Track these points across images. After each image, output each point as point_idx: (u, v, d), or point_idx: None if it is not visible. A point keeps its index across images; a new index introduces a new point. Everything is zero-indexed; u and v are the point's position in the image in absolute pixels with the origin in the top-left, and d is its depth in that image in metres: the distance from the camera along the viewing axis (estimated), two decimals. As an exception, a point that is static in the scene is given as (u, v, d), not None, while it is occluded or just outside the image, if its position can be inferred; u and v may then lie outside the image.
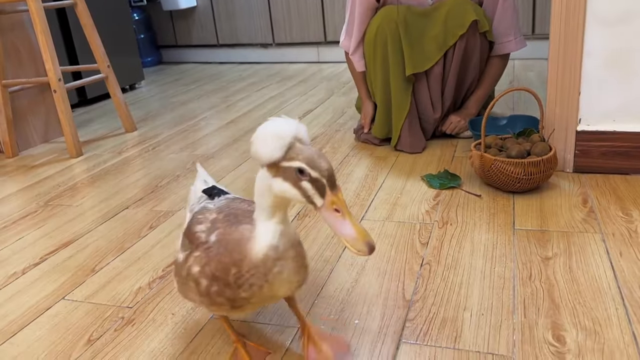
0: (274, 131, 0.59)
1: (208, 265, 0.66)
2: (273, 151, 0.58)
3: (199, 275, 0.67)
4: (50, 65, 1.82)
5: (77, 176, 1.70)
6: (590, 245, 1.03)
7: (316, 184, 0.58)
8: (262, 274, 0.63)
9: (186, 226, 0.76)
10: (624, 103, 1.29)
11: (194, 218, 0.75)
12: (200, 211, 0.76)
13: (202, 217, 0.73)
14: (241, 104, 2.48)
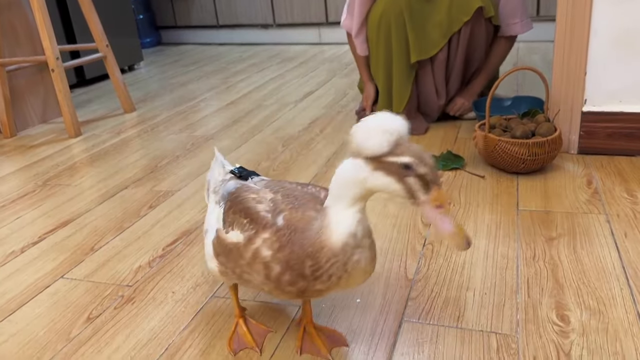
0: (382, 126, 0.57)
1: (281, 251, 0.63)
2: (381, 145, 0.57)
3: (271, 259, 0.63)
4: (47, 44, 1.80)
5: (75, 156, 1.68)
6: (594, 226, 1.02)
7: (422, 179, 0.57)
8: (342, 264, 0.61)
9: (238, 203, 0.70)
10: (631, 83, 1.27)
11: (243, 195, 0.70)
12: (247, 189, 0.71)
13: (257, 197, 0.69)
14: (241, 85, 2.45)
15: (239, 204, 0.70)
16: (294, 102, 2.09)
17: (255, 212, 0.67)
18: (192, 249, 1.06)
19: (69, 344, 0.82)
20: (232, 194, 0.73)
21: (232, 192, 0.73)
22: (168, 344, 0.80)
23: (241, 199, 0.71)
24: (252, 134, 1.75)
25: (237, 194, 0.72)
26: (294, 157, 1.51)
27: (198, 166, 1.50)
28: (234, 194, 0.73)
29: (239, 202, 0.70)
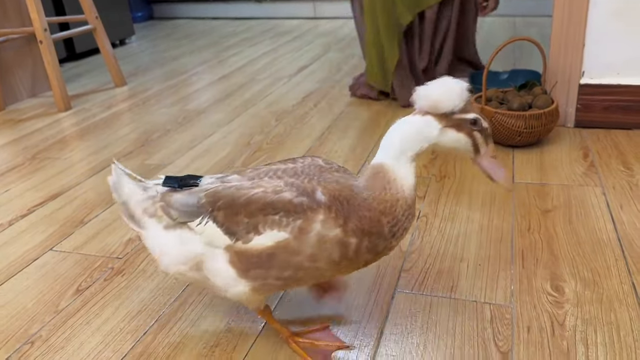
0: (457, 85, 0.61)
1: (350, 222, 0.59)
2: (456, 102, 0.61)
3: (344, 235, 0.59)
4: (35, 15, 1.75)
5: (65, 130, 1.65)
6: (590, 198, 1.01)
7: (484, 133, 0.63)
8: (412, 216, 0.64)
9: (246, 204, 0.61)
10: (630, 55, 1.25)
11: (242, 194, 0.61)
12: (236, 187, 0.62)
13: (265, 188, 0.61)
14: (234, 59, 2.41)
15: (250, 204, 0.61)
16: (288, 77, 2.06)
17: (286, 202, 0.60)
18: (184, 221, 1.04)
19: (58, 315, 0.80)
20: (214, 202, 0.62)
21: (214, 200, 0.62)
22: (158, 315, 0.79)
23: (247, 199, 0.61)
24: (245, 108, 1.72)
25: (228, 197, 0.62)
26: (287, 131, 1.49)
27: (190, 140, 1.48)
28: (223, 200, 0.62)
29: (247, 202, 0.61)
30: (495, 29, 2.56)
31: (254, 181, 0.63)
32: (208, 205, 0.63)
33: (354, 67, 2.11)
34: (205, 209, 0.63)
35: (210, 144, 1.44)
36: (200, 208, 0.63)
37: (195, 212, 0.64)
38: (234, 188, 0.63)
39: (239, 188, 0.62)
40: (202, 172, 1.26)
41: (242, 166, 1.28)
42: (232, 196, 0.62)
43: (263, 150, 1.37)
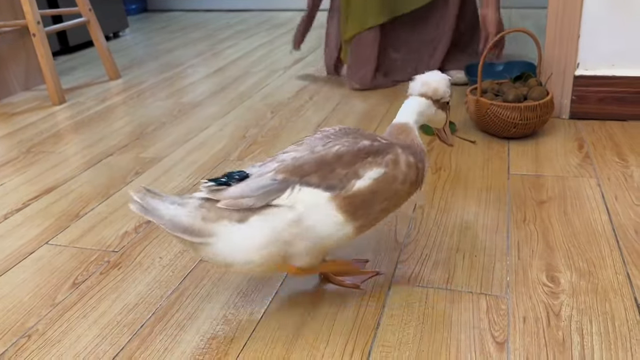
0: (448, 79, 0.82)
1: (414, 157, 0.75)
2: (448, 91, 0.82)
3: (415, 160, 0.74)
4: (28, 8, 1.73)
5: (59, 123, 1.64)
6: (585, 190, 1.01)
7: (448, 109, 0.85)
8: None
9: (332, 161, 0.69)
10: (625, 47, 1.25)
11: (331, 152, 0.70)
12: (317, 151, 0.70)
13: (341, 145, 0.71)
14: (229, 52, 2.40)
15: (340, 158, 0.69)
16: (283, 69, 2.05)
17: (369, 147, 0.72)
18: (180, 214, 1.04)
19: (54, 309, 0.80)
20: (297, 171, 0.68)
21: (297, 170, 0.68)
22: (155, 308, 0.79)
23: (334, 155, 0.69)
24: (241, 101, 1.72)
25: (312, 162, 0.69)
26: (283, 124, 1.49)
27: (185, 133, 1.48)
28: (308, 165, 0.68)
29: (337, 158, 0.69)
30: (490, 20, 2.55)
31: (326, 144, 0.72)
32: (291, 176, 0.68)
33: (350, 59, 2.11)
34: (289, 181, 0.68)
35: (205, 137, 1.43)
36: (281, 183, 0.68)
37: (276, 189, 0.68)
38: (309, 154, 0.70)
39: (315, 152, 0.70)
40: (198, 164, 1.26)
41: (237, 159, 1.28)
42: (316, 159, 0.69)
43: (258, 144, 1.36)
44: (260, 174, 0.69)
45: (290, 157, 0.70)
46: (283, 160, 0.70)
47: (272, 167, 0.70)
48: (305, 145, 0.73)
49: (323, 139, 0.74)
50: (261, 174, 0.69)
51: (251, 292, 0.80)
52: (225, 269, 0.85)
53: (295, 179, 0.68)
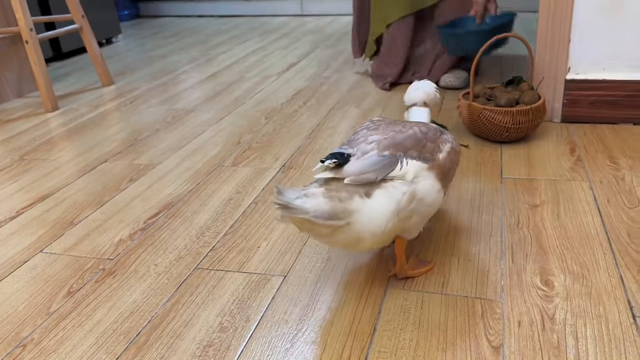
0: (435, 86, 0.96)
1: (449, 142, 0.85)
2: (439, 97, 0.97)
3: (457, 145, 0.86)
4: (20, 15, 1.73)
5: (53, 130, 1.64)
6: (577, 193, 1.02)
7: None
8: None
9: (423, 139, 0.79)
10: (615, 51, 1.26)
11: (415, 132, 0.79)
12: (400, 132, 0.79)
13: (413, 127, 0.80)
14: (222, 58, 2.40)
15: (427, 136, 0.79)
16: (277, 74, 2.06)
17: (436, 128, 0.84)
18: (174, 221, 1.04)
19: (49, 318, 0.80)
20: (400, 147, 0.75)
21: (399, 146, 0.75)
22: (151, 316, 0.79)
23: (421, 135, 0.79)
24: (235, 107, 1.72)
25: (408, 139, 0.77)
26: (277, 130, 1.49)
27: (179, 139, 1.48)
28: (407, 141, 0.77)
29: (423, 136, 0.79)
30: (482, 25, 2.57)
31: (404, 126, 0.80)
32: (396, 151, 0.75)
33: (343, 63, 2.12)
34: (396, 155, 0.74)
35: (199, 143, 1.43)
36: (391, 158, 0.73)
37: (390, 163, 0.73)
38: (396, 134, 0.77)
39: (403, 132, 0.78)
40: (192, 171, 1.26)
41: (232, 165, 1.28)
42: (410, 136, 0.77)
43: (253, 149, 1.37)
44: (364, 151, 0.74)
45: (387, 140, 0.76)
46: (374, 141, 0.76)
47: (368, 147, 0.74)
48: (382, 129, 0.79)
49: (389, 125, 0.81)
50: (365, 152, 0.74)
51: (247, 298, 0.81)
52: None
53: (400, 153, 0.75)
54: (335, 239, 0.70)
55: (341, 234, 0.69)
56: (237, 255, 0.91)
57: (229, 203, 1.10)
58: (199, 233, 0.99)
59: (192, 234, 0.99)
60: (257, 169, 1.25)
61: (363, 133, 0.79)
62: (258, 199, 1.11)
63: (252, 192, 1.14)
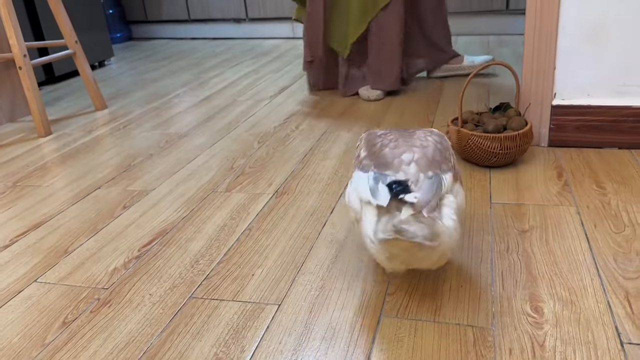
0: None
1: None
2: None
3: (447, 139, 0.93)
4: (14, 41, 1.75)
5: (46, 156, 1.64)
6: (565, 218, 1.04)
7: None
8: None
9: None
10: (599, 77, 1.30)
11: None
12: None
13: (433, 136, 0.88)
14: (215, 81, 2.43)
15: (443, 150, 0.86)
16: (269, 98, 2.08)
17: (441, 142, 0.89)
18: (169, 249, 1.05)
19: (44, 349, 0.80)
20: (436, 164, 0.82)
21: (434, 163, 0.82)
22: (146, 347, 0.79)
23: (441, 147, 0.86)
24: (228, 131, 1.74)
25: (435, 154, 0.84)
26: (270, 154, 1.51)
27: (172, 164, 1.49)
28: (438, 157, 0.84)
29: (442, 149, 0.85)
30: (470, 48, 2.62)
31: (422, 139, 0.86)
32: (435, 169, 0.81)
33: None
34: (437, 174, 0.81)
35: (193, 169, 1.45)
36: (436, 177, 0.80)
37: (439, 185, 0.79)
38: (422, 149, 0.84)
39: (425, 147, 0.84)
40: (186, 197, 1.27)
41: (226, 191, 1.29)
42: (435, 150, 0.84)
43: (246, 174, 1.38)
44: (409, 173, 0.79)
45: (419, 156, 0.82)
46: (413, 161, 0.81)
47: (411, 169, 0.80)
48: (401, 143, 0.85)
49: (401, 136, 0.87)
50: (409, 174, 0.79)
51: (242, 328, 0.81)
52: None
53: (438, 171, 0.81)
54: (428, 259, 0.78)
55: (434, 254, 0.77)
56: (231, 284, 0.92)
57: (223, 230, 1.11)
58: (193, 261, 1.00)
59: (187, 261, 1.00)
60: (251, 195, 1.26)
61: (389, 152, 0.83)
62: (252, 225, 1.12)
63: (246, 218, 1.15)
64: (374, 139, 0.88)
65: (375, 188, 0.78)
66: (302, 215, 1.14)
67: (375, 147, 0.85)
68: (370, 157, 0.85)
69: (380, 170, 0.81)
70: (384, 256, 0.77)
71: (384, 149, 0.84)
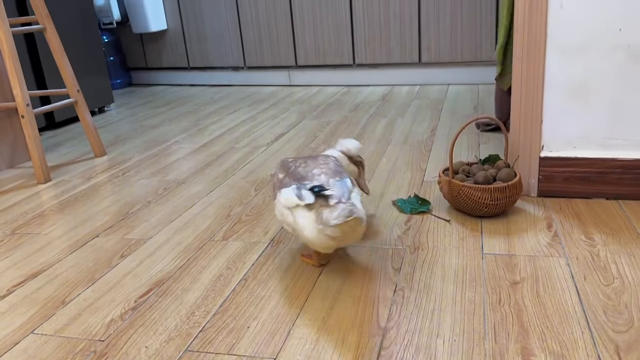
0: (359, 144, 1.31)
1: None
2: (358, 153, 1.31)
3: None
4: (18, 91, 1.80)
5: (45, 203, 1.66)
6: (555, 269, 1.07)
7: (363, 166, 1.35)
8: None
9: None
10: (583, 130, 1.35)
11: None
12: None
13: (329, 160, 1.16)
14: (213, 128, 2.48)
15: (336, 165, 1.16)
16: (266, 145, 2.13)
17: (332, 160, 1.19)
18: (165, 300, 1.06)
19: (40, 404, 0.80)
20: (339, 173, 1.11)
21: (338, 172, 1.11)
22: (142, 401, 0.79)
23: (338, 164, 1.17)
24: (225, 178, 1.77)
25: (336, 168, 1.13)
26: (266, 202, 1.53)
27: (170, 212, 1.51)
28: (338, 169, 1.13)
29: (337, 165, 1.16)
30: (459, 97, 2.70)
31: (324, 161, 1.14)
32: (340, 176, 1.09)
33: (330, 134, 2.20)
34: (342, 178, 1.09)
35: (190, 217, 1.47)
36: (343, 180, 1.08)
37: (347, 185, 1.08)
38: (327, 165, 1.12)
39: (326, 164, 1.12)
40: (183, 245, 1.29)
41: (222, 239, 1.31)
42: (335, 165, 1.14)
43: (242, 223, 1.40)
44: (327, 181, 1.05)
45: (325, 169, 1.09)
46: (322, 173, 1.08)
47: (323, 177, 1.06)
48: (310, 164, 1.11)
49: (308, 160, 1.13)
50: (327, 182, 1.05)
51: (237, 382, 0.82)
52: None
53: (342, 177, 1.08)
54: (359, 233, 1.03)
55: (363, 227, 1.01)
56: (227, 336, 0.93)
57: (219, 280, 1.12)
58: (189, 312, 1.01)
59: (182, 313, 1.01)
60: (247, 243, 1.28)
61: (302, 170, 1.09)
62: (248, 275, 1.13)
63: (242, 267, 1.17)
64: (287, 165, 1.14)
65: (300, 194, 1.03)
66: (298, 265, 1.16)
67: (290, 169, 1.11)
68: (288, 177, 1.10)
69: (299, 182, 1.06)
70: (332, 237, 0.99)
71: (298, 168, 1.10)
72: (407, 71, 3.16)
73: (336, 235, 0.98)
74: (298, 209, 1.03)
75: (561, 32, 1.29)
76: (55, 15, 2.58)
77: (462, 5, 2.91)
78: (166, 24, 3.58)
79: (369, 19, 3.12)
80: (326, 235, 0.98)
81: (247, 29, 3.41)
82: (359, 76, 3.27)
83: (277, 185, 1.12)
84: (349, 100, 2.87)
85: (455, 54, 3.00)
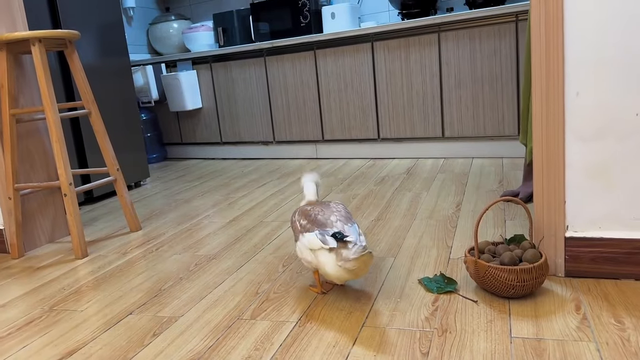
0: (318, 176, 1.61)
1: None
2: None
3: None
4: (62, 171, 1.92)
5: (82, 279, 1.73)
6: (585, 355, 1.05)
7: None
8: None
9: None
10: (608, 211, 1.36)
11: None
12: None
13: (341, 208, 1.44)
14: (243, 201, 2.56)
15: (347, 212, 1.45)
16: (294, 220, 2.18)
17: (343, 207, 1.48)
18: (195, 381, 1.08)
19: None
20: (350, 219, 1.40)
21: (349, 218, 1.40)
22: None
23: (348, 211, 1.46)
24: (253, 253, 1.82)
25: (348, 215, 1.42)
26: (294, 279, 1.56)
27: (200, 289, 1.55)
28: (350, 215, 1.43)
29: (347, 212, 1.45)
30: (484, 171, 2.74)
31: (336, 207, 1.43)
32: (352, 221, 1.39)
33: (356, 208, 2.24)
34: (353, 224, 1.38)
35: (220, 294, 1.51)
36: (354, 225, 1.37)
37: (357, 230, 1.35)
38: (339, 212, 1.41)
39: (337, 211, 1.42)
40: (212, 324, 1.32)
41: (250, 318, 1.34)
42: (345, 211, 1.43)
43: (270, 301, 1.43)
44: (343, 228, 1.32)
45: (339, 216, 1.36)
46: (338, 220, 1.35)
47: (339, 224, 1.33)
48: (326, 211, 1.39)
49: (324, 207, 1.41)
50: (343, 228, 1.32)
51: None
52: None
53: (352, 222, 1.36)
54: (368, 267, 1.27)
55: (371, 262, 1.26)
56: (255, 421, 0.94)
57: (248, 361, 1.14)
58: (219, 395, 1.03)
59: (212, 395, 1.03)
60: (275, 322, 1.30)
61: (321, 218, 1.36)
62: (275, 356, 1.15)
63: (270, 348, 1.19)
64: (307, 212, 1.40)
65: (324, 239, 1.28)
66: (325, 347, 1.17)
67: (310, 217, 1.38)
68: (310, 223, 1.36)
69: (321, 228, 1.33)
70: (348, 270, 1.24)
71: (318, 216, 1.37)
72: (431, 145, 3.23)
73: (353, 268, 1.23)
74: (321, 250, 1.30)
75: (578, 119, 1.34)
76: (99, 98, 2.77)
77: (482, 82, 3.01)
78: (201, 102, 3.78)
79: (392, 98, 3.24)
80: (344, 269, 1.24)
81: (277, 108, 3.58)
82: (384, 149, 3.36)
83: (300, 230, 1.38)
84: (374, 173, 2.94)
85: (478, 129, 3.07)
